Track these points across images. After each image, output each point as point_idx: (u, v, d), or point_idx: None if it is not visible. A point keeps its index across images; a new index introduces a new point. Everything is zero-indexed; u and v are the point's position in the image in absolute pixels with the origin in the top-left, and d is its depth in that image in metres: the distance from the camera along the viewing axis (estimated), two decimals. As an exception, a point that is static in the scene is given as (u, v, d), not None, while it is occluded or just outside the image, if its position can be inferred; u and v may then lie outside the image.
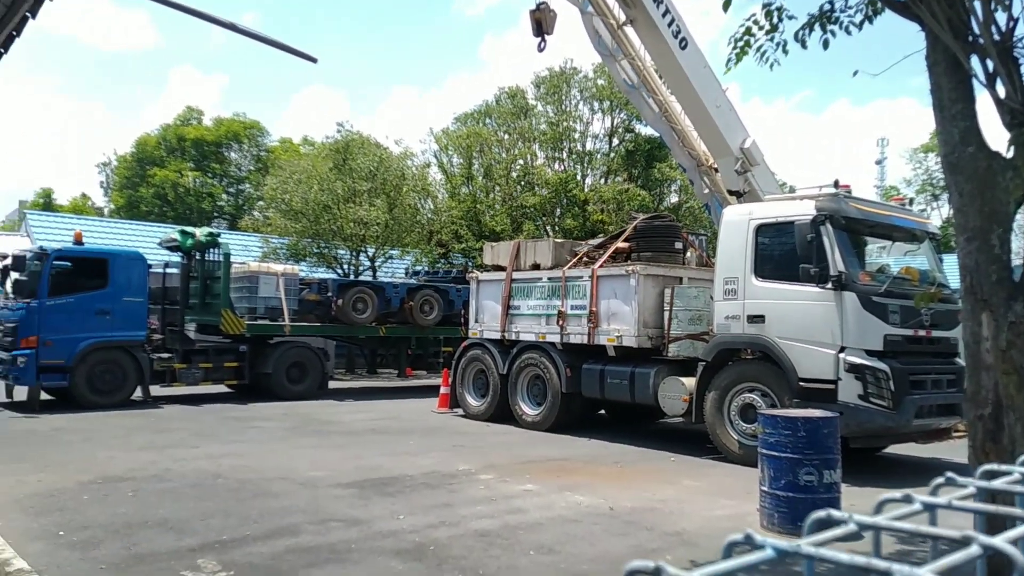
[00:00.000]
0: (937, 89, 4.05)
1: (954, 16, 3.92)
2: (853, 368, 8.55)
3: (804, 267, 8.81)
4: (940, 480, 1.75)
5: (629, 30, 11.43)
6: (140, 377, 13.89)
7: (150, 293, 14.50)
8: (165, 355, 14.51)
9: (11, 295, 13.66)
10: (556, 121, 29.64)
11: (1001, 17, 3.91)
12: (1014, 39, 3.93)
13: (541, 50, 11.70)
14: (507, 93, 30.95)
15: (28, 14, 2.74)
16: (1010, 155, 3.88)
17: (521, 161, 29.56)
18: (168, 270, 15.99)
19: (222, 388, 16.01)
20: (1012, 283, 3.79)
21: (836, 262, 8.79)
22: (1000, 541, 1.27)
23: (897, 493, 1.57)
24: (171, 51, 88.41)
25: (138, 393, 13.97)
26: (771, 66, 5.40)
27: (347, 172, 23.11)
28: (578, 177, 29.40)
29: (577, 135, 30.07)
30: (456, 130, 31.10)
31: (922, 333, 9.10)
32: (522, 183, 28.89)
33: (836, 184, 9.36)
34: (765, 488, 6.38)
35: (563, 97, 30.01)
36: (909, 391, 8.66)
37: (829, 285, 8.76)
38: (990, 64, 3.94)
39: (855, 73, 6.57)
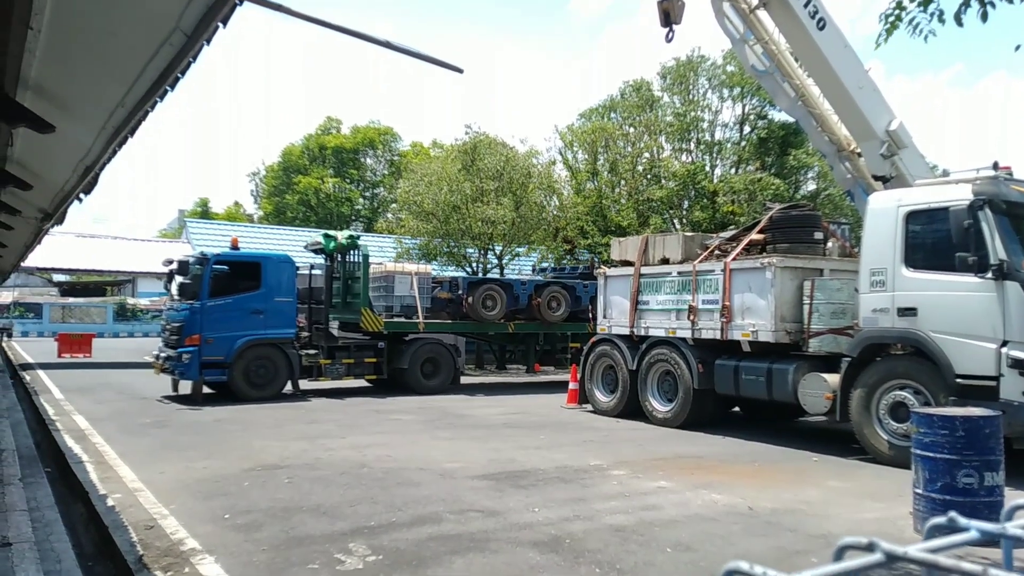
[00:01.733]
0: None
1: None
2: (1017, 363, 7.92)
3: (961, 256, 8.22)
4: None
5: (762, 13, 11.04)
6: (290, 372, 14.84)
7: (298, 293, 15.48)
8: (312, 351, 15.43)
9: (176, 297, 14.94)
10: (683, 111, 29.00)
11: None
12: None
13: (669, 40, 11.51)
14: (632, 86, 30.59)
15: (205, 41, 3.02)
16: None
17: (647, 154, 29.13)
18: (313, 271, 17.00)
19: (362, 382, 16.83)
20: None
21: (997, 250, 8.17)
22: None
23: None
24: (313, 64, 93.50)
25: (288, 387, 14.93)
26: (925, 38, 5.10)
27: (475, 172, 23.62)
28: (707, 168, 28.65)
29: (705, 125, 29.32)
30: (580, 126, 31.06)
31: None
32: (648, 176, 28.47)
33: (995, 166, 8.71)
34: (919, 491, 6.02)
35: (690, 87, 29.34)
36: (1082, 389, 7.90)
37: (989, 275, 8.16)
38: None
39: (1017, 48, 6.00)
